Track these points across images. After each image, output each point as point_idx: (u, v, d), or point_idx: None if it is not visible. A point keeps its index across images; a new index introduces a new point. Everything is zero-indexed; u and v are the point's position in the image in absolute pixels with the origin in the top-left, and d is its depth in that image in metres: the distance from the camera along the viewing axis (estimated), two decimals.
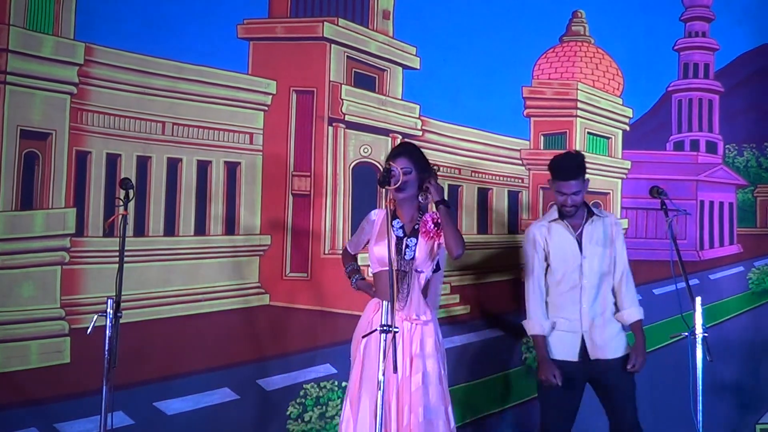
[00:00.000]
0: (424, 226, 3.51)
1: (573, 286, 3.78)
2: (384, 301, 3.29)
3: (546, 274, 3.85)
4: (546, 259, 3.85)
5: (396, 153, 3.57)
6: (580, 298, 3.77)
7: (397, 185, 3.38)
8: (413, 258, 3.45)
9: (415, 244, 3.47)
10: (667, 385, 4.61)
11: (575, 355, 3.76)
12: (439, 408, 3.39)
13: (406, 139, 4.54)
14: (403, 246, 3.47)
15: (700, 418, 3.15)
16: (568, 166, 3.78)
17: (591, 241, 3.75)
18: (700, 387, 3.16)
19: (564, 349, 3.77)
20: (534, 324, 3.84)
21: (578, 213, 3.78)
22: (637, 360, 3.74)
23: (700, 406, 3.16)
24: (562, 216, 3.82)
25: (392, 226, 3.47)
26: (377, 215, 3.57)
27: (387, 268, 3.36)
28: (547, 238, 3.85)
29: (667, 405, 4.61)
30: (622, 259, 3.87)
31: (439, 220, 3.48)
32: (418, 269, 3.47)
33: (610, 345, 3.74)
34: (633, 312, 3.83)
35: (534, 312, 3.84)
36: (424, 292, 3.53)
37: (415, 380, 3.35)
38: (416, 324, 3.42)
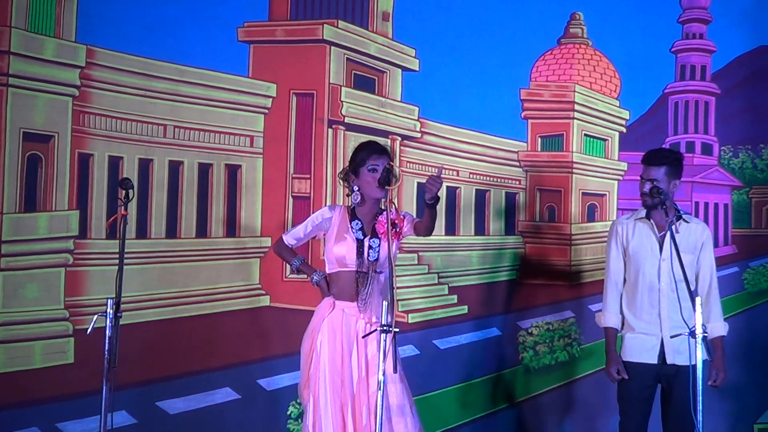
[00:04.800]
0: (381, 227, 3.41)
1: (651, 288, 3.74)
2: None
3: (625, 271, 3.83)
4: (624, 254, 3.82)
5: (382, 150, 3.48)
6: (659, 301, 3.72)
7: (397, 185, 3.35)
8: (376, 259, 3.39)
9: (378, 245, 3.40)
10: None
11: (654, 358, 3.72)
12: (403, 406, 3.35)
13: (405, 141, 4.58)
14: (366, 247, 3.40)
15: (700, 418, 3.15)
16: (651, 154, 3.79)
17: (673, 244, 3.56)
18: (700, 387, 3.16)
19: (643, 352, 3.74)
20: (608, 317, 3.83)
21: (664, 215, 3.61)
22: (719, 375, 3.74)
23: (700, 406, 3.14)
24: (649, 215, 3.78)
25: (351, 227, 3.43)
26: (334, 213, 3.47)
27: (346, 270, 3.38)
28: (628, 234, 3.81)
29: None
30: (708, 270, 3.81)
31: (396, 221, 3.40)
32: (378, 270, 3.40)
33: (688, 352, 3.50)
34: (717, 327, 3.77)
35: (608, 305, 3.83)
36: (383, 293, 3.40)
37: (373, 382, 3.30)
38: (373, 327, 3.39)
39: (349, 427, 3.29)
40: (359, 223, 3.45)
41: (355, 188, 3.46)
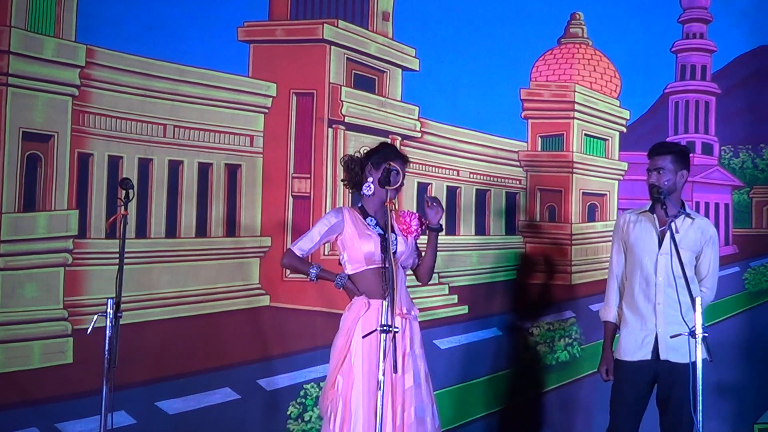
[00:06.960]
0: (403, 222, 3.47)
1: (648, 282, 3.67)
2: (383, 301, 3.32)
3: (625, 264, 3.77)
4: (624, 248, 3.77)
5: (396, 153, 3.52)
6: (655, 296, 3.65)
7: (397, 185, 3.35)
8: (395, 252, 3.40)
9: (396, 239, 3.43)
10: None
11: (648, 354, 3.64)
12: (427, 406, 3.41)
13: (405, 141, 4.58)
14: (389, 242, 3.38)
15: (700, 418, 3.13)
16: (657, 145, 3.74)
17: (672, 239, 3.48)
18: (700, 387, 3.14)
19: (637, 349, 3.67)
20: (607, 311, 3.80)
21: (664, 214, 3.53)
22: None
23: (700, 406, 3.12)
24: (653, 209, 3.68)
25: (368, 224, 3.44)
26: (343, 214, 3.45)
27: (373, 267, 3.39)
28: (630, 227, 3.74)
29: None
30: (710, 268, 3.75)
31: (421, 220, 3.49)
32: (403, 264, 3.45)
33: (683, 349, 3.40)
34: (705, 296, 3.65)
35: (609, 299, 3.80)
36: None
37: (408, 378, 3.36)
38: (407, 319, 3.43)
39: (387, 427, 3.27)
40: (373, 219, 3.47)
41: (370, 179, 3.44)
